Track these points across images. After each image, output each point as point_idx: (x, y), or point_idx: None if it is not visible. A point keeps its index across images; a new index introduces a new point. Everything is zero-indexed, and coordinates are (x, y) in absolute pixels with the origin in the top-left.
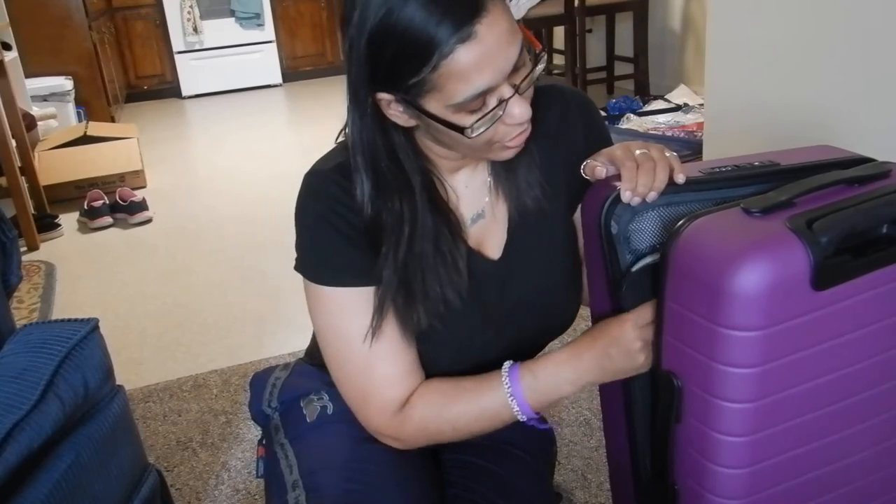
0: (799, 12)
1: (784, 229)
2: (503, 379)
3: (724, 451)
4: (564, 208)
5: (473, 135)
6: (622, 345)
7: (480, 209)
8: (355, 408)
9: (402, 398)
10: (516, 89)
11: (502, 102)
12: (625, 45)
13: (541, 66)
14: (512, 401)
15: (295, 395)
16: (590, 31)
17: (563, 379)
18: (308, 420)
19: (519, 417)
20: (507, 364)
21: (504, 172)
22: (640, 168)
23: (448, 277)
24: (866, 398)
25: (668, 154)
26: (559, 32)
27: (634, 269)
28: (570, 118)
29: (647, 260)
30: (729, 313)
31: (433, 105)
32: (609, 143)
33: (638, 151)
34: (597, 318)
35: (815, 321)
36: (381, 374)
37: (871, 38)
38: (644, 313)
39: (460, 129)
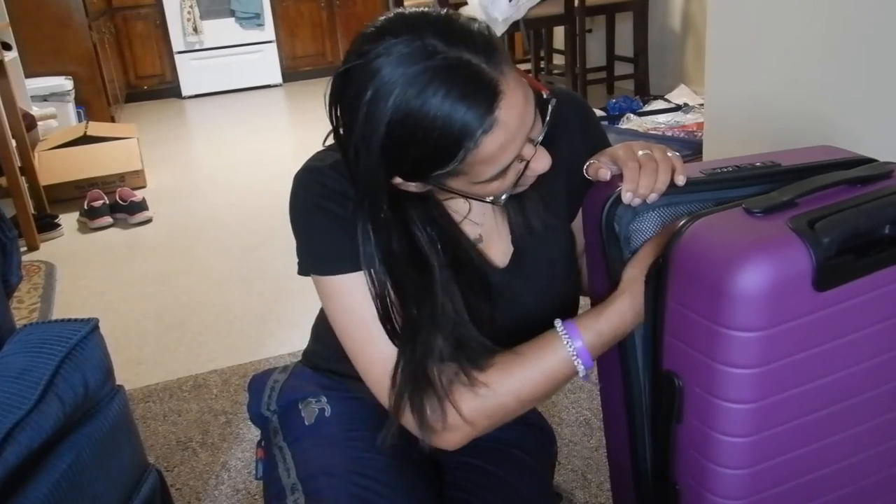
0: (799, 12)
1: (786, 230)
2: (563, 341)
3: (725, 452)
4: (565, 214)
5: (500, 201)
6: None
7: (480, 228)
8: (409, 412)
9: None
10: (535, 144)
11: (524, 162)
12: (625, 45)
13: (550, 108)
14: (575, 358)
15: (293, 398)
16: (590, 31)
17: (618, 323)
18: (306, 423)
19: (581, 372)
20: (560, 323)
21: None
22: (643, 169)
23: (477, 341)
24: (867, 399)
25: (670, 154)
26: (559, 32)
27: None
28: (566, 123)
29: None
30: (730, 313)
31: (459, 184)
32: (606, 142)
33: (640, 152)
34: None
35: (817, 322)
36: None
37: (871, 37)
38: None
39: (487, 200)
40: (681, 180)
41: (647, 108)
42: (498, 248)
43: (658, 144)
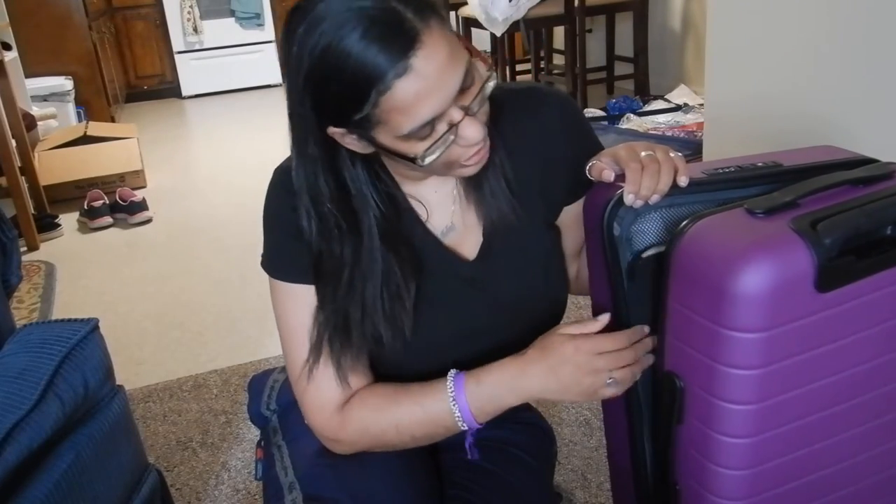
0: (799, 12)
1: (788, 230)
2: (448, 383)
3: (726, 453)
4: (545, 211)
5: (424, 163)
6: (571, 364)
7: (450, 220)
8: (300, 406)
9: (341, 399)
10: (466, 111)
11: (453, 127)
12: (625, 45)
13: (491, 84)
14: (454, 406)
15: (293, 398)
16: (590, 31)
17: (505, 388)
18: (305, 422)
19: (461, 425)
20: (453, 371)
21: (472, 183)
22: (645, 170)
23: (392, 318)
24: (869, 400)
25: (673, 155)
26: (559, 32)
27: (645, 255)
28: (548, 121)
29: (654, 250)
30: (732, 314)
31: (383, 136)
32: (593, 139)
33: (643, 153)
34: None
35: (819, 323)
36: (320, 373)
37: (871, 37)
38: (603, 341)
39: (411, 159)
40: (683, 181)
41: (647, 108)
42: (470, 240)
43: (661, 145)
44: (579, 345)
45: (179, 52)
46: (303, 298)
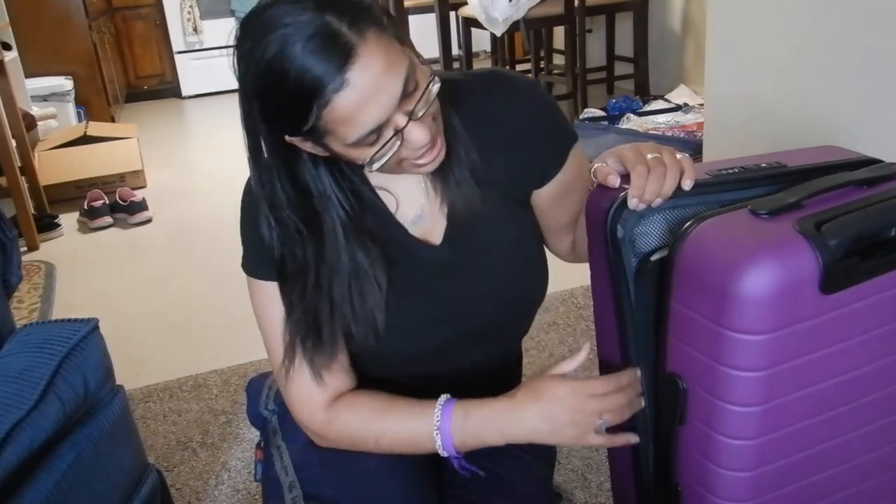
0: (799, 12)
1: (792, 231)
2: (435, 409)
3: (728, 454)
4: (517, 194)
5: (373, 168)
6: (565, 405)
7: (420, 210)
8: (285, 399)
9: (325, 396)
10: (410, 116)
11: (398, 132)
12: (625, 45)
13: (435, 88)
14: (437, 434)
15: None
16: (590, 31)
17: (492, 427)
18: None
19: (440, 452)
20: (444, 396)
21: (437, 174)
22: (651, 173)
23: (365, 314)
24: (872, 402)
25: (679, 156)
26: (559, 32)
27: (653, 259)
28: (515, 106)
29: (661, 254)
30: (735, 316)
31: (333, 144)
32: (560, 122)
33: (649, 155)
34: (599, 322)
35: (823, 325)
36: (297, 373)
37: (871, 37)
38: (597, 384)
39: (361, 165)
40: (688, 185)
41: (647, 108)
42: (439, 227)
43: (667, 147)
44: (575, 387)
45: (179, 52)
46: (275, 294)
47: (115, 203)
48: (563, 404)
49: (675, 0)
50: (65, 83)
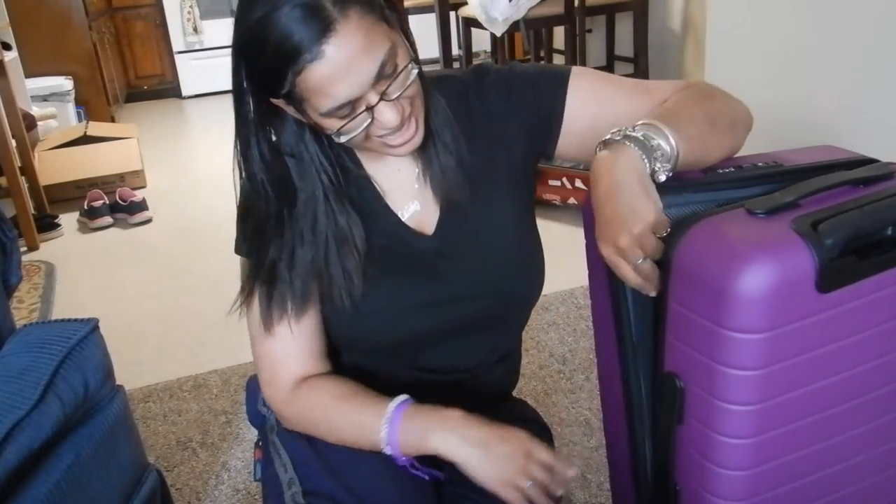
0: (798, 12)
1: (789, 231)
2: (389, 404)
3: (726, 453)
4: (509, 185)
5: (340, 139)
6: (511, 449)
7: (414, 199)
8: (258, 375)
9: (294, 376)
10: (382, 96)
11: (369, 109)
12: (625, 45)
13: (413, 73)
14: (384, 426)
15: None
16: (590, 31)
17: (434, 428)
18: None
19: (384, 449)
20: (403, 395)
21: (424, 162)
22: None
23: (342, 277)
24: (869, 401)
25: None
26: (559, 32)
27: None
28: (499, 96)
29: None
30: (732, 315)
31: (309, 111)
32: (550, 93)
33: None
34: (598, 321)
35: (819, 323)
36: (276, 349)
37: (871, 38)
38: (547, 454)
39: (329, 135)
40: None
41: None
42: (431, 217)
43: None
44: (533, 444)
45: (179, 52)
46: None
47: (115, 203)
48: (508, 447)
49: (675, 0)
50: (65, 83)
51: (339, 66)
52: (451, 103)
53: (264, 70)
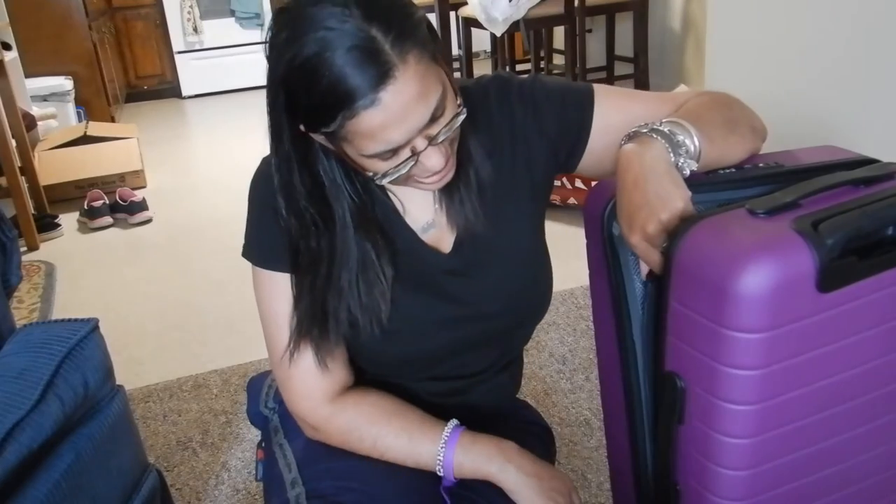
0: (799, 12)
1: (789, 231)
2: (444, 429)
3: (727, 453)
4: (529, 201)
5: (382, 182)
6: (557, 484)
7: (431, 218)
8: (282, 391)
9: (329, 388)
10: (430, 140)
11: (415, 154)
12: (625, 45)
13: (461, 118)
14: (441, 450)
15: None
16: (590, 31)
17: (494, 456)
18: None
19: (439, 472)
20: (454, 420)
21: (449, 197)
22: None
23: (371, 304)
24: (870, 400)
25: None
26: (559, 32)
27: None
28: (520, 110)
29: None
30: (733, 315)
31: (349, 150)
32: (571, 105)
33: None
34: (598, 320)
35: (820, 323)
36: (303, 361)
37: (871, 38)
38: (579, 499)
39: (371, 176)
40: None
41: None
42: (448, 237)
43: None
44: (573, 486)
45: (179, 52)
46: (283, 286)
47: (115, 203)
48: (557, 482)
49: (675, 0)
50: (65, 83)
51: (394, 114)
52: (473, 119)
53: (311, 108)
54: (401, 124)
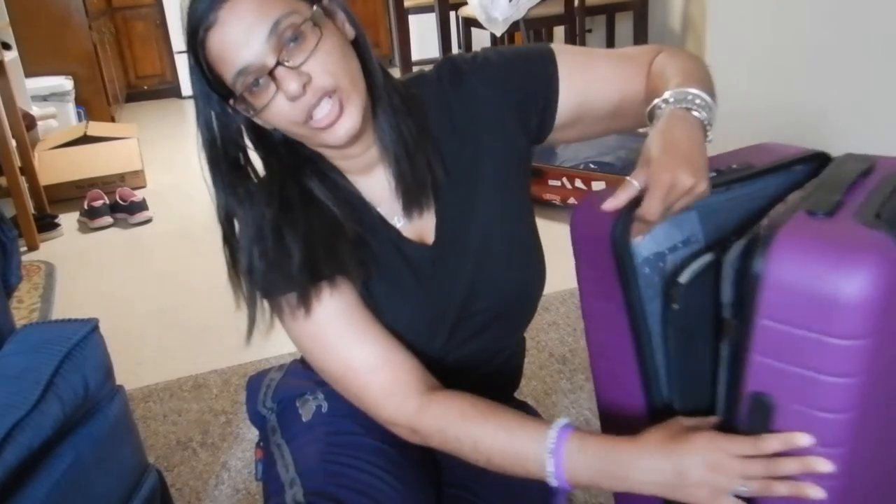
0: (798, 13)
1: (862, 228)
2: (550, 430)
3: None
4: (504, 178)
5: (261, 116)
6: (699, 457)
7: (402, 209)
8: (366, 407)
9: (402, 379)
10: (279, 62)
11: (273, 78)
12: (625, 45)
13: (313, 37)
14: (550, 457)
15: (290, 395)
16: (590, 31)
17: (610, 468)
18: (304, 419)
19: (550, 479)
20: (562, 420)
21: (400, 178)
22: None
23: (339, 259)
24: None
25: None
26: (559, 32)
27: (683, 279)
28: (477, 87)
29: (698, 264)
30: (842, 322)
31: (238, 101)
32: (531, 69)
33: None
34: (603, 347)
35: None
36: (382, 351)
37: (869, 38)
38: (743, 443)
39: (251, 116)
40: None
41: None
42: (429, 227)
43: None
44: (716, 440)
45: (179, 52)
46: (340, 293)
47: (115, 203)
48: (697, 458)
49: (675, 0)
50: (65, 83)
51: (232, 31)
52: (432, 106)
53: (189, 47)
54: (242, 41)
